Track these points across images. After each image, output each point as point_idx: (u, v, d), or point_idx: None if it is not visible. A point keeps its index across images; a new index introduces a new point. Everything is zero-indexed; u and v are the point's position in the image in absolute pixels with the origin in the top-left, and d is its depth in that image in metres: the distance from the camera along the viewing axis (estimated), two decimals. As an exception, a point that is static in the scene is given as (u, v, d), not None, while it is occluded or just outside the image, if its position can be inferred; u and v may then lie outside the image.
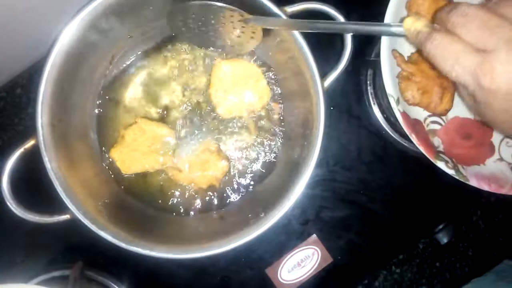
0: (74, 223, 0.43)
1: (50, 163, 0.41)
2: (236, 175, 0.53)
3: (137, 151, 0.51)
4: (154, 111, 0.52)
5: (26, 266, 0.54)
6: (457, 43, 0.30)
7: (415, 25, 0.33)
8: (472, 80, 0.30)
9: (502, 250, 0.62)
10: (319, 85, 0.42)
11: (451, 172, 0.47)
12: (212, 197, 0.53)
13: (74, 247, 0.55)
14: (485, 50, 0.29)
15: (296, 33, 0.42)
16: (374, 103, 0.58)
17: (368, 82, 0.58)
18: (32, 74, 0.59)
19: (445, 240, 0.58)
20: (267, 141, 0.53)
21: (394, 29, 0.34)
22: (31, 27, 0.51)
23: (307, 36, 0.43)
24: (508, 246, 0.62)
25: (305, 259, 0.56)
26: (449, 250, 0.61)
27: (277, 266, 0.56)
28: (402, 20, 0.34)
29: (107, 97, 0.52)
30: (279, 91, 0.53)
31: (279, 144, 0.53)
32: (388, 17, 0.46)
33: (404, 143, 0.56)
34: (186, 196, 0.52)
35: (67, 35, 0.42)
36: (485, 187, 0.48)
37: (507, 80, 0.28)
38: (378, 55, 0.47)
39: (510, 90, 0.29)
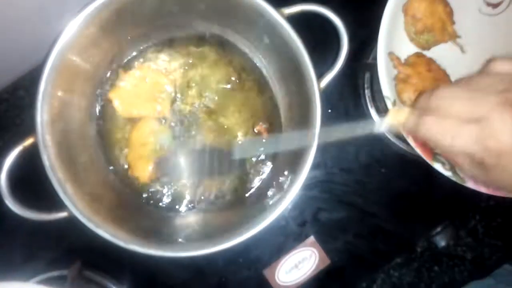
0: (73, 222, 0.43)
1: (49, 160, 0.42)
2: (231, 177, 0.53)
3: (136, 96, 0.51)
4: (153, 108, 0.53)
5: (25, 266, 0.54)
6: (449, 118, 0.31)
7: (398, 117, 0.35)
8: (477, 146, 0.31)
9: (501, 254, 0.62)
10: (315, 85, 0.43)
11: (448, 173, 0.47)
12: (211, 195, 0.53)
13: (73, 247, 0.55)
14: (476, 119, 0.30)
15: (293, 34, 0.43)
16: (371, 106, 0.58)
17: (366, 85, 0.58)
18: (35, 77, 0.59)
19: (443, 243, 0.58)
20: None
21: (378, 128, 0.36)
22: (34, 29, 0.52)
23: (304, 36, 0.44)
24: (507, 251, 0.62)
25: (302, 261, 0.56)
26: (448, 254, 0.61)
27: (274, 267, 0.56)
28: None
29: (107, 95, 0.53)
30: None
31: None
32: (385, 21, 0.46)
33: (401, 146, 0.57)
34: (184, 193, 0.53)
35: (67, 35, 0.43)
36: (482, 189, 0.48)
37: (510, 138, 0.30)
38: (375, 58, 0.47)
39: None
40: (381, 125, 0.35)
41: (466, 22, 0.50)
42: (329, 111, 0.58)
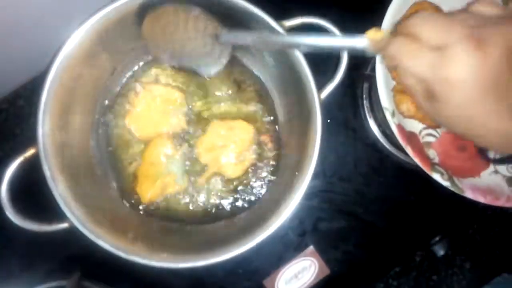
0: (72, 233, 0.43)
1: (50, 171, 0.42)
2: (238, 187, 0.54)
3: (151, 117, 0.52)
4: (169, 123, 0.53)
5: (24, 276, 0.53)
6: (416, 42, 0.32)
7: (378, 34, 0.35)
8: (431, 73, 0.31)
9: (499, 263, 0.62)
10: (316, 96, 0.43)
11: (446, 183, 0.48)
12: (213, 208, 0.53)
13: (72, 257, 0.55)
14: (441, 47, 0.31)
15: (294, 46, 0.43)
16: (370, 117, 0.59)
17: (364, 96, 0.59)
18: (36, 86, 0.60)
19: (441, 252, 0.59)
20: (264, 153, 0.54)
21: (357, 42, 0.36)
22: (35, 39, 0.52)
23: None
24: (506, 260, 0.62)
25: (302, 271, 0.56)
26: (446, 263, 0.61)
27: (274, 278, 0.56)
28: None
29: (108, 107, 0.53)
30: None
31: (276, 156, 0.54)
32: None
33: (400, 156, 0.57)
34: (188, 206, 0.53)
35: (70, 46, 0.43)
36: (480, 199, 0.48)
37: (463, 70, 0.30)
38: (373, 69, 0.48)
39: (466, 81, 0.30)
40: (361, 40, 0.35)
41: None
42: (328, 121, 0.59)
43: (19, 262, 0.55)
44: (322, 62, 0.45)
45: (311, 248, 0.57)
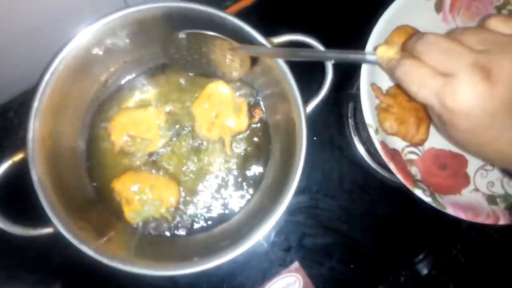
0: (55, 242, 0.42)
1: (37, 175, 0.42)
2: (218, 199, 0.54)
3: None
4: (140, 132, 0.53)
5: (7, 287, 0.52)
6: (423, 67, 0.32)
7: (387, 53, 0.36)
8: (436, 101, 0.32)
9: (483, 284, 0.62)
10: (301, 109, 0.45)
11: (428, 199, 0.49)
12: (195, 219, 0.53)
13: (54, 268, 0.54)
14: (447, 74, 0.31)
15: (281, 62, 0.45)
16: (355, 135, 0.60)
17: (349, 114, 0.61)
18: (27, 99, 0.61)
19: (425, 271, 0.59)
20: (249, 164, 0.55)
21: (368, 57, 0.37)
22: (26, 53, 0.53)
23: (291, 67, 0.46)
24: (489, 281, 0.63)
25: (286, 287, 0.56)
26: (430, 284, 0.61)
27: (258, 293, 0.56)
28: (376, 48, 0.37)
29: (98, 117, 0.54)
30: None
31: (261, 167, 0.55)
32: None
33: (384, 174, 0.58)
34: (167, 217, 0.53)
35: (62, 58, 0.44)
36: (461, 215, 0.49)
37: (468, 101, 0.30)
38: (358, 88, 0.49)
39: (471, 111, 0.31)
40: (372, 56, 0.37)
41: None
42: (314, 138, 0.60)
43: (3, 271, 0.53)
44: (308, 76, 0.46)
45: (296, 264, 0.57)
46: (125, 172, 0.52)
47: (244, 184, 0.54)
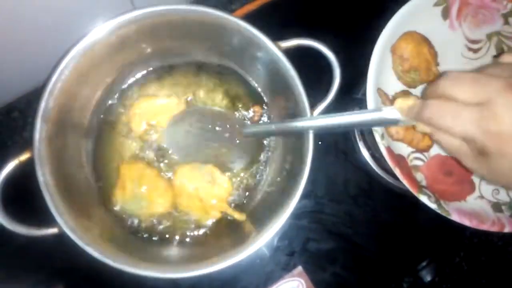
0: (57, 243, 0.42)
1: (43, 176, 0.42)
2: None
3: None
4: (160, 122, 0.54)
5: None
6: (452, 101, 0.32)
7: (406, 102, 0.36)
8: (477, 129, 0.30)
9: (486, 292, 0.62)
10: (309, 114, 0.45)
11: (433, 206, 0.49)
12: (200, 227, 0.53)
13: (56, 270, 0.54)
14: (480, 103, 0.30)
15: (288, 65, 0.45)
16: (360, 140, 0.60)
17: (355, 119, 0.61)
18: (31, 99, 0.61)
19: (428, 278, 0.59)
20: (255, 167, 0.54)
21: (387, 113, 0.37)
22: (33, 52, 0.53)
23: (298, 70, 0.46)
24: (492, 289, 0.62)
25: (290, 291, 0.56)
26: (433, 290, 0.61)
27: (261, 298, 0.56)
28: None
29: (104, 119, 0.53)
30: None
31: (267, 171, 0.54)
32: (374, 59, 0.49)
33: (388, 179, 0.58)
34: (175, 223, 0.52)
35: (70, 58, 0.44)
36: (466, 222, 0.49)
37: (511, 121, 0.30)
38: (364, 93, 0.49)
39: None
40: (390, 111, 0.36)
41: (449, 64, 0.53)
42: (319, 143, 0.60)
43: (5, 272, 0.53)
44: (316, 80, 0.46)
45: (299, 268, 0.57)
46: (137, 162, 0.52)
47: (248, 189, 0.54)
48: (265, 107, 0.55)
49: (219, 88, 0.54)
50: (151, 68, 0.55)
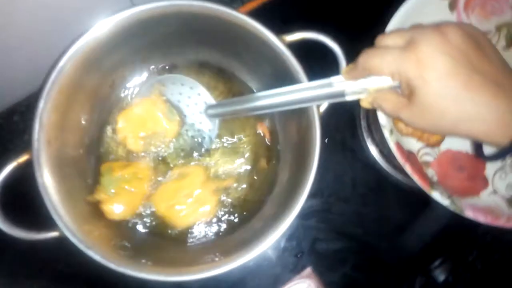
0: (59, 248, 0.41)
1: (42, 178, 0.41)
2: (230, 204, 0.53)
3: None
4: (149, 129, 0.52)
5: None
6: (384, 48, 0.36)
7: (349, 67, 0.40)
8: (401, 63, 0.33)
9: (500, 292, 0.61)
10: (315, 110, 0.43)
11: (446, 202, 0.47)
12: (208, 226, 0.52)
13: (60, 275, 0.53)
14: (408, 41, 0.34)
15: (293, 60, 0.44)
16: (367, 137, 0.59)
17: (362, 116, 0.59)
18: (32, 102, 0.60)
19: (441, 278, 0.57)
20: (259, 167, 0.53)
21: (334, 79, 0.40)
22: (33, 56, 0.53)
23: (303, 66, 0.45)
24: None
25: (299, 293, 0.54)
26: (447, 290, 0.59)
27: (270, 300, 0.54)
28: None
29: (105, 120, 0.53)
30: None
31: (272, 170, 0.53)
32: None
33: (398, 176, 0.57)
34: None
35: (68, 58, 0.43)
36: (480, 218, 0.48)
37: (432, 47, 0.32)
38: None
39: (437, 56, 0.32)
40: (337, 79, 0.39)
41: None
42: (326, 141, 0.59)
43: (5, 278, 0.52)
44: (322, 75, 0.45)
45: (308, 269, 0.55)
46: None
47: (255, 187, 0.53)
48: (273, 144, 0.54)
49: (222, 86, 0.53)
50: (153, 66, 0.53)
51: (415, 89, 0.33)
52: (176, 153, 0.52)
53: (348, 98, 0.40)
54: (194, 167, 0.52)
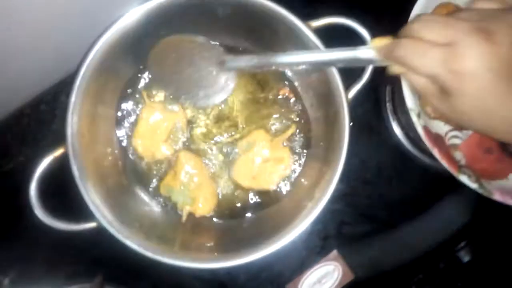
0: (96, 234, 0.43)
1: (79, 171, 0.42)
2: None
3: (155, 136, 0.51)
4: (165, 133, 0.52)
5: (46, 279, 0.53)
6: (422, 41, 0.33)
7: (382, 41, 0.37)
8: (442, 68, 0.32)
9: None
10: (343, 96, 0.43)
11: (474, 186, 0.47)
12: (239, 202, 0.52)
13: (95, 260, 0.54)
14: (449, 44, 0.31)
15: (321, 47, 0.43)
16: (393, 119, 0.58)
17: (387, 98, 0.59)
18: (58, 91, 0.60)
19: (466, 258, 0.57)
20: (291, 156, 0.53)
21: (362, 53, 0.38)
22: (59, 45, 0.53)
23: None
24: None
25: (325, 275, 0.55)
26: (471, 270, 0.60)
27: (297, 282, 0.55)
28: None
29: (131, 108, 0.53)
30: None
31: (302, 159, 0.53)
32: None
33: (424, 159, 0.57)
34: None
35: (99, 48, 0.43)
36: (509, 201, 0.47)
37: (474, 61, 0.31)
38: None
39: (478, 71, 0.31)
40: (367, 51, 0.37)
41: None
42: (351, 124, 0.58)
43: (42, 265, 0.54)
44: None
45: (334, 252, 0.56)
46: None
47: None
48: (297, 90, 0.53)
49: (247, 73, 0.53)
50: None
51: (451, 93, 0.33)
52: (207, 129, 0.53)
53: (374, 65, 0.39)
54: (255, 132, 0.52)
